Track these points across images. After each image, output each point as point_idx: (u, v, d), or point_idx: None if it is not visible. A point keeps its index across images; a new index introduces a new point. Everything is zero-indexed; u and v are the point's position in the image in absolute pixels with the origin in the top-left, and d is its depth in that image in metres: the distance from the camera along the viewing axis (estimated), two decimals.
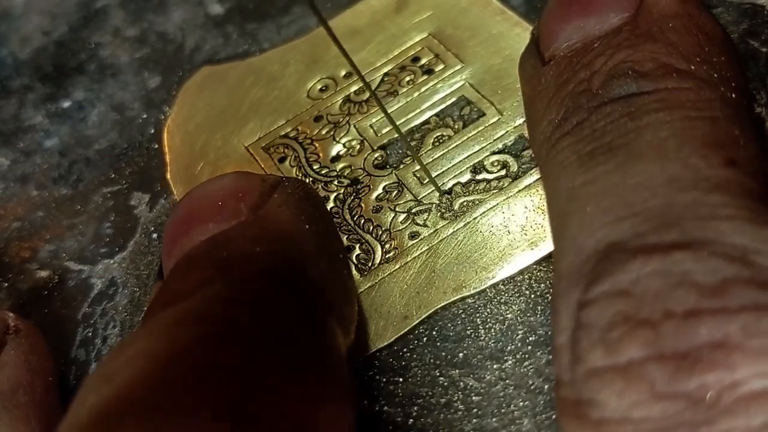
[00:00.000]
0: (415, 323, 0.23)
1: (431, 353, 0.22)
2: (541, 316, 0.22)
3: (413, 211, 0.25)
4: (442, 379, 0.22)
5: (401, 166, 0.27)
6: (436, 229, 0.25)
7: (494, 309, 0.23)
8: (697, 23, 0.19)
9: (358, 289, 0.24)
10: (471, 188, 0.25)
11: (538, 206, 0.24)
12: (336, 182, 0.27)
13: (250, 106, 0.30)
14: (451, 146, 0.27)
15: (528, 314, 0.22)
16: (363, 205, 0.26)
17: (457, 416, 0.21)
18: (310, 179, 0.27)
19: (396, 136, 0.27)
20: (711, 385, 0.14)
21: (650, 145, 0.17)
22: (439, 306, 0.23)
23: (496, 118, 0.27)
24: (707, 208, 0.16)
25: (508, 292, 0.23)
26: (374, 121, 0.28)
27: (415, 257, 0.24)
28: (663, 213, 0.16)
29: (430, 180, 0.26)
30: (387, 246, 0.25)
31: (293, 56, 0.31)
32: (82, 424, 0.14)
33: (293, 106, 0.30)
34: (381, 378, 0.22)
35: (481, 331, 0.22)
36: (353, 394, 0.17)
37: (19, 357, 0.22)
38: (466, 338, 0.22)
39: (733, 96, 0.18)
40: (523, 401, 0.21)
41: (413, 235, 0.25)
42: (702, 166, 0.16)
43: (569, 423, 0.15)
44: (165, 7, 0.35)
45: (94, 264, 0.28)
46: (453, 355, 0.22)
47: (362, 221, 0.26)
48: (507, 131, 0.26)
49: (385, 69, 0.30)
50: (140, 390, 0.14)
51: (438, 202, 0.25)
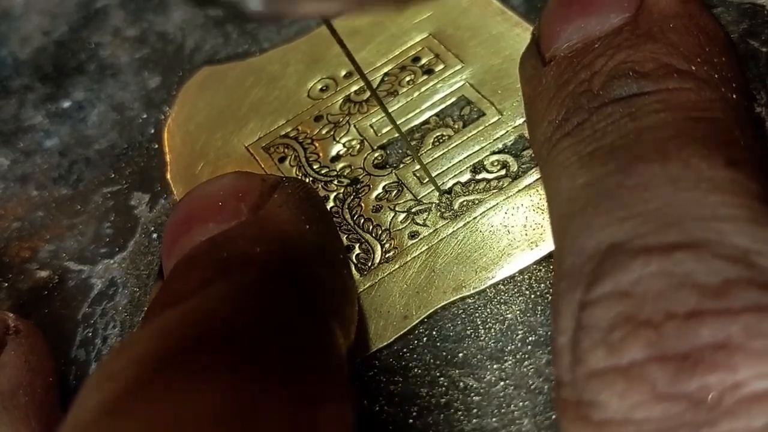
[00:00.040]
0: (415, 323, 0.23)
1: (431, 353, 0.22)
2: (541, 316, 0.22)
3: (413, 210, 0.25)
4: (442, 379, 0.22)
5: (401, 165, 0.27)
6: (436, 229, 0.25)
7: (494, 309, 0.23)
8: (697, 23, 0.19)
9: (357, 288, 0.24)
10: (471, 188, 0.25)
11: (538, 206, 0.24)
12: (336, 182, 0.27)
13: (251, 106, 0.30)
14: (451, 146, 0.27)
15: (528, 314, 0.22)
16: (363, 205, 0.26)
17: (457, 416, 0.21)
18: (310, 179, 0.27)
19: (396, 135, 0.27)
20: (713, 386, 0.14)
21: (651, 146, 0.17)
22: (439, 306, 0.23)
23: (496, 118, 0.27)
24: (708, 209, 0.16)
25: (508, 291, 0.23)
26: (374, 120, 0.28)
27: (414, 257, 0.24)
28: (664, 213, 0.16)
29: (429, 179, 0.26)
30: (387, 245, 0.25)
31: (293, 56, 0.31)
32: (83, 424, 0.14)
33: (293, 105, 0.30)
34: (381, 378, 0.22)
35: (481, 331, 0.22)
36: (353, 394, 0.17)
37: (19, 357, 0.22)
38: (466, 338, 0.22)
39: (734, 96, 0.18)
40: (523, 401, 0.21)
41: (413, 235, 0.25)
42: (703, 167, 0.16)
43: (570, 424, 0.15)
44: (165, 7, 0.35)
45: (94, 264, 0.28)
46: (453, 355, 0.22)
47: (362, 221, 0.26)
48: (507, 131, 0.26)
49: (386, 69, 0.30)
50: (141, 391, 0.14)
51: (438, 201, 0.25)
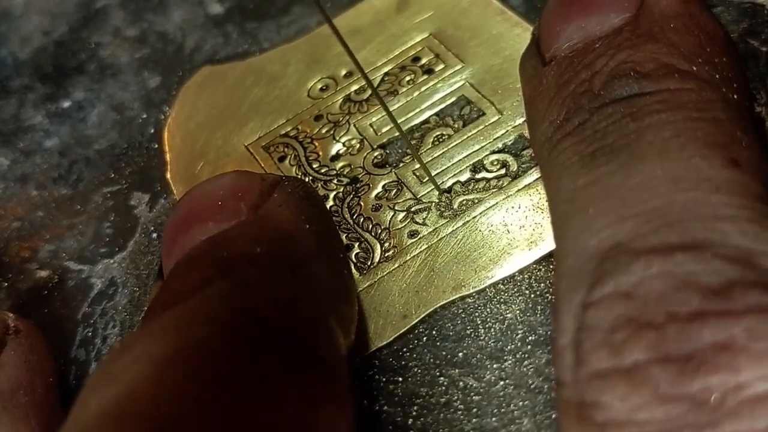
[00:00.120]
0: (415, 322, 0.23)
1: (431, 353, 0.22)
2: (541, 315, 0.22)
3: (413, 209, 0.25)
4: (441, 379, 0.22)
5: (401, 164, 0.27)
6: (436, 228, 0.25)
7: (494, 308, 0.23)
8: (698, 23, 0.19)
9: (357, 288, 0.24)
10: (470, 187, 0.25)
11: (538, 205, 0.24)
12: (335, 181, 0.27)
13: (251, 105, 0.30)
14: (451, 145, 0.27)
15: (528, 314, 0.22)
16: (362, 204, 0.26)
17: (457, 416, 0.21)
18: (310, 178, 0.27)
19: (396, 135, 0.27)
20: (715, 387, 0.14)
21: (652, 146, 0.17)
22: (439, 305, 0.23)
23: (496, 118, 0.27)
24: (709, 209, 0.16)
25: (508, 291, 0.23)
26: (374, 120, 0.28)
27: (414, 256, 0.24)
28: (665, 214, 0.16)
29: (429, 179, 0.26)
30: (386, 245, 0.25)
31: (294, 56, 0.31)
32: (84, 425, 0.14)
33: (293, 105, 0.30)
34: (381, 378, 0.22)
35: (481, 330, 0.22)
36: (353, 394, 0.17)
37: (19, 357, 0.22)
38: (466, 338, 0.22)
39: (735, 96, 0.18)
40: (523, 401, 0.21)
41: (412, 234, 0.25)
42: (704, 167, 0.16)
43: (571, 425, 0.15)
44: (165, 7, 0.35)
45: (94, 264, 0.28)
46: (453, 355, 0.22)
47: (361, 220, 0.26)
48: (507, 131, 0.26)
49: (386, 68, 0.30)
50: (142, 392, 0.14)
51: (437, 200, 0.25)
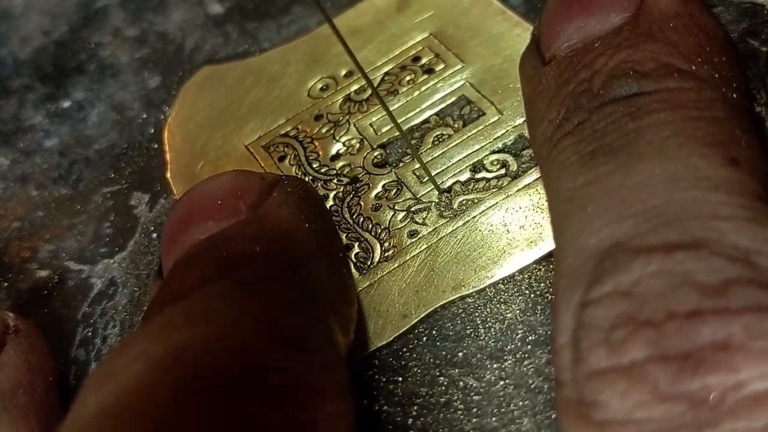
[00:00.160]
0: (414, 322, 0.23)
1: (431, 353, 0.22)
2: (541, 315, 0.22)
3: (412, 209, 0.25)
4: (441, 379, 0.22)
5: (401, 164, 0.27)
6: (435, 228, 0.25)
7: (494, 308, 0.23)
8: (698, 23, 0.19)
9: (357, 287, 0.24)
10: (470, 187, 0.25)
11: (538, 205, 0.24)
12: (335, 181, 0.27)
13: (251, 105, 0.30)
14: (451, 145, 0.27)
15: (528, 313, 0.22)
16: (362, 204, 0.26)
17: (457, 416, 0.21)
18: (310, 178, 0.27)
19: (396, 134, 0.27)
20: (714, 386, 0.14)
21: (651, 145, 0.17)
22: (438, 305, 0.23)
23: (496, 118, 0.27)
24: (708, 208, 0.16)
25: (508, 291, 0.23)
26: (374, 119, 0.28)
27: (414, 256, 0.24)
28: (664, 213, 0.16)
29: (429, 178, 0.26)
30: (386, 244, 0.25)
31: (294, 56, 0.31)
32: (82, 423, 0.14)
33: (293, 105, 0.30)
34: (381, 378, 0.22)
35: (481, 330, 0.22)
36: (353, 394, 0.17)
37: (18, 357, 0.22)
38: (466, 337, 0.22)
39: (734, 96, 0.18)
40: (523, 401, 0.21)
41: (412, 234, 0.25)
42: (703, 166, 0.16)
43: (571, 424, 0.15)
44: (165, 7, 0.35)
45: (94, 264, 0.28)
46: (453, 355, 0.22)
47: (361, 219, 0.26)
48: (507, 130, 0.26)
49: (386, 68, 0.30)
50: (141, 390, 0.14)
51: (437, 200, 0.25)
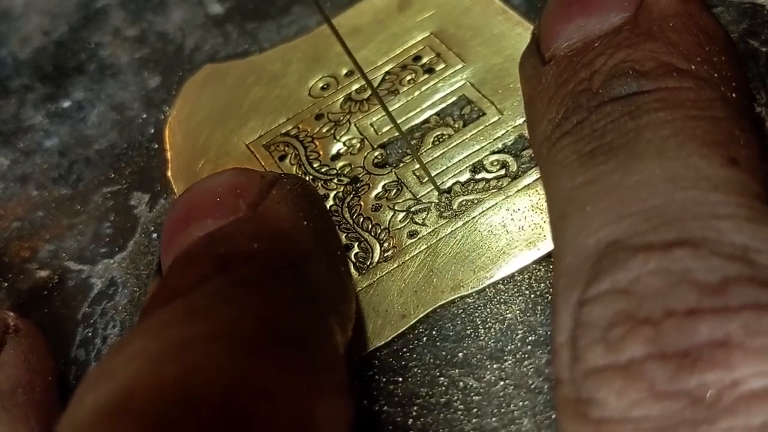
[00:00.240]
0: (413, 322, 0.23)
1: (431, 353, 0.22)
2: (541, 315, 0.22)
3: (412, 209, 0.25)
4: (442, 379, 0.22)
5: (401, 164, 0.27)
6: (435, 228, 0.25)
7: (494, 309, 0.23)
8: (697, 22, 0.19)
9: (356, 287, 0.24)
10: (470, 187, 0.25)
11: (537, 206, 0.24)
12: (336, 180, 0.27)
13: (252, 104, 0.30)
14: (451, 145, 0.27)
15: (528, 314, 0.22)
16: (362, 204, 0.26)
17: (457, 416, 0.21)
18: (310, 177, 0.27)
19: (396, 134, 0.27)
20: (711, 383, 0.14)
21: (650, 145, 0.17)
22: (437, 305, 0.23)
23: (496, 118, 0.27)
24: (707, 207, 0.16)
25: (508, 291, 0.23)
26: (375, 119, 0.28)
27: (413, 256, 0.24)
28: (663, 212, 0.16)
29: (429, 179, 0.26)
30: (385, 245, 0.25)
31: (295, 55, 0.31)
32: (80, 421, 0.14)
33: (294, 104, 0.30)
34: (381, 378, 0.22)
35: (481, 330, 0.22)
36: (352, 392, 0.17)
37: (18, 356, 0.22)
38: (466, 338, 0.22)
39: (734, 95, 0.18)
40: (523, 401, 0.21)
41: (412, 234, 0.25)
42: (702, 165, 0.16)
43: (569, 422, 0.15)
44: (165, 7, 0.35)
45: (94, 264, 0.28)
46: (453, 355, 0.22)
47: (361, 219, 0.26)
48: (507, 131, 0.26)
49: (387, 68, 0.30)
50: (138, 388, 0.14)
51: (437, 201, 0.25)
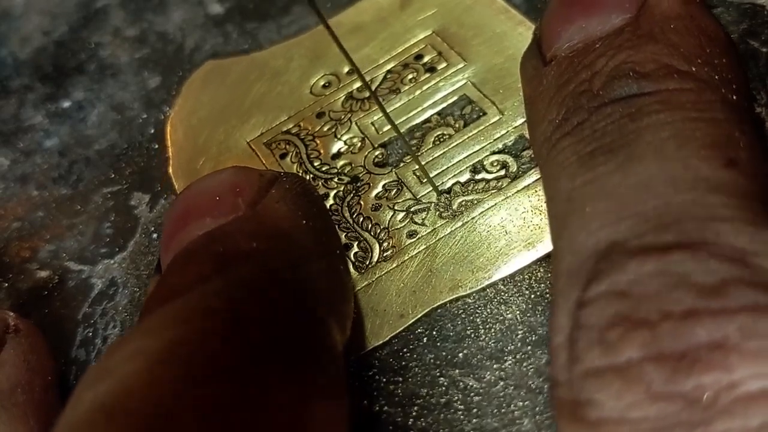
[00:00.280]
0: (411, 322, 0.23)
1: (431, 353, 0.22)
2: (541, 316, 0.22)
3: (412, 209, 0.25)
4: (442, 379, 0.22)
5: (401, 164, 0.27)
6: (435, 229, 0.25)
7: (494, 309, 0.23)
8: (699, 25, 0.19)
9: (355, 286, 0.24)
10: (470, 188, 0.25)
11: (537, 207, 0.24)
12: (336, 179, 0.27)
13: (253, 101, 0.30)
14: (452, 145, 0.27)
15: (528, 314, 0.22)
16: (362, 203, 0.26)
17: (457, 416, 0.21)
18: (311, 176, 0.27)
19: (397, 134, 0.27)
20: (708, 385, 0.14)
21: (650, 146, 0.17)
22: (435, 305, 0.23)
23: (497, 118, 0.27)
24: (706, 209, 0.16)
25: (508, 292, 0.23)
26: (376, 118, 0.28)
27: (412, 256, 0.24)
28: (662, 213, 0.16)
29: (428, 180, 0.26)
30: (385, 244, 0.25)
31: (297, 51, 0.31)
32: (79, 420, 0.14)
33: (296, 102, 0.30)
34: (381, 378, 0.22)
35: (481, 331, 0.22)
36: (349, 393, 0.17)
37: (18, 356, 0.22)
38: (466, 338, 0.22)
39: (734, 98, 0.18)
40: (523, 401, 0.21)
41: (411, 234, 0.25)
42: (702, 167, 0.16)
43: (566, 423, 0.15)
44: (165, 7, 0.35)
45: (94, 264, 0.28)
46: (453, 355, 0.22)
47: (361, 219, 0.26)
48: (507, 131, 0.26)
49: (388, 66, 0.30)
50: (137, 387, 0.14)
51: (437, 201, 0.25)
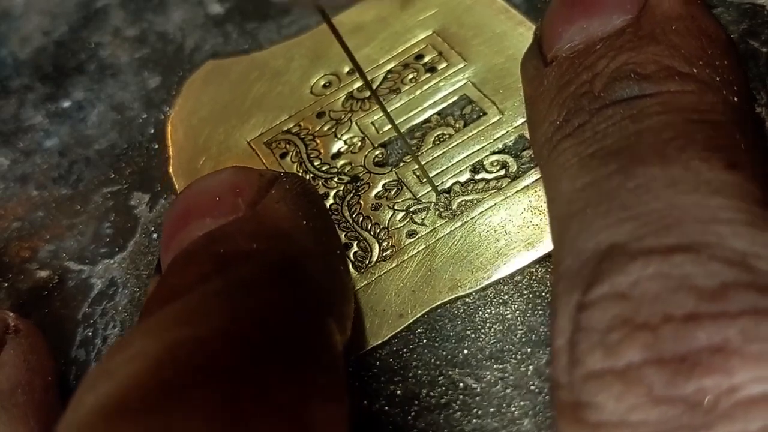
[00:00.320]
0: (410, 322, 0.23)
1: (431, 353, 0.22)
2: (540, 316, 0.22)
3: (412, 209, 0.25)
4: (442, 380, 0.22)
5: (401, 164, 0.27)
6: (434, 228, 0.25)
7: (494, 309, 0.23)
8: (700, 26, 0.19)
9: (354, 286, 0.24)
10: (470, 188, 0.25)
11: (536, 207, 0.24)
12: (336, 179, 0.27)
13: (254, 101, 0.30)
14: (452, 145, 0.27)
15: (528, 314, 0.22)
16: (362, 203, 0.26)
17: (457, 416, 0.21)
18: (311, 175, 0.27)
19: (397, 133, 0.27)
20: (709, 389, 0.14)
21: (651, 148, 0.17)
22: (435, 305, 0.23)
23: (497, 118, 0.27)
24: (708, 211, 0.16)
25: (508, 292, 0.23)
26: (376, 118, 0.28)
27: (411, 256, 0.24)
28: (663, 216, 0.16)
29: (427, 180, 0.26)
30: (384, 244, 0.25)
31: (298, 51, 0.31)
32: (80, 421, 0.14)
33: (296, 101, 0.30)
34: (381, 378, 0.22)
35: (481, 331, 0.22)
36: (348, 392, 0.17)
37: (18, 356, 0.22)
38: (466, 338, 0.22)
39: (735, 99, 0.18)
40: (523, 401, 0.21)
41: (411, 234, 0.25)
42: (703, 170, 0.16)
43: (567, 426, 0.15)
44: (165, 7, 0.35)
45: (94, 264, 0.28)
46: (453, 355, 0.22)
47: (361, 219, 0.26)
48: (507, 131, 0.26)
49: (389, 66, 0.30)
50: (138, 389, 0.14)
51: (436, 201, 0.25)
